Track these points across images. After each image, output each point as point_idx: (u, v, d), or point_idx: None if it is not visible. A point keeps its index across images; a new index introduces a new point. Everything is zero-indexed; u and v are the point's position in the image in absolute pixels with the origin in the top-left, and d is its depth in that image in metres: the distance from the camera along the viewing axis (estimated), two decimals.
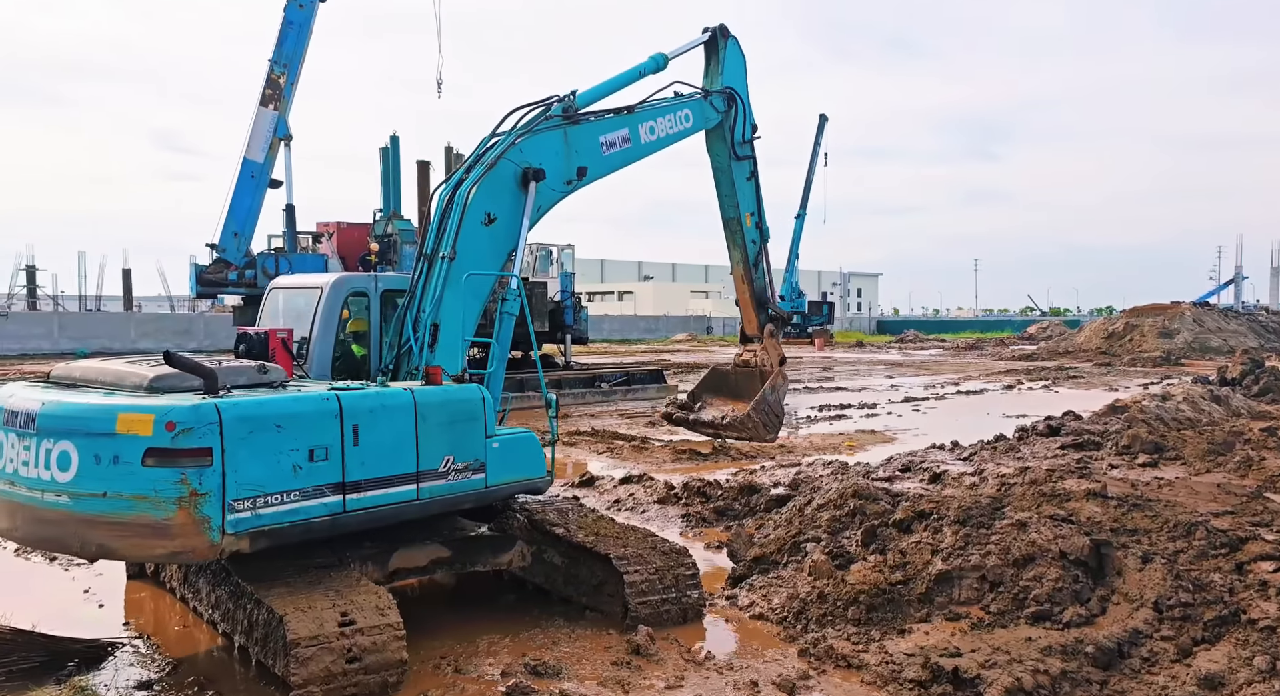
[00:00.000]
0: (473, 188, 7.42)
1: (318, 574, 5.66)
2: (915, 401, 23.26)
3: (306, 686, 4.90)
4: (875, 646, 6.27)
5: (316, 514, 5.48)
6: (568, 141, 8.22)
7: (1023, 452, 9.82)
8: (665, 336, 66.60)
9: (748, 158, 11.08)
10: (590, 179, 8.45)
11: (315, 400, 5.59)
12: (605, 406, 22.65)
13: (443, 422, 6.26)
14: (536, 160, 7.81)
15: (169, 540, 4.96)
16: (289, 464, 5.31)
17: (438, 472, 6.24)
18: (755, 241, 11.70)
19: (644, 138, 9.24)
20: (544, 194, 7.91)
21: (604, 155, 8.66)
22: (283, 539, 5.39)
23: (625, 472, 12.68)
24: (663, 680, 5.82)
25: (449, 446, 6.29)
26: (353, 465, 5.62)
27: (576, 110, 8.38)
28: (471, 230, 7.37)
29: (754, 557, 8.27)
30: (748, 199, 11.44)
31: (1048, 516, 7.04)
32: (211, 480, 4.97)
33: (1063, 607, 6.19)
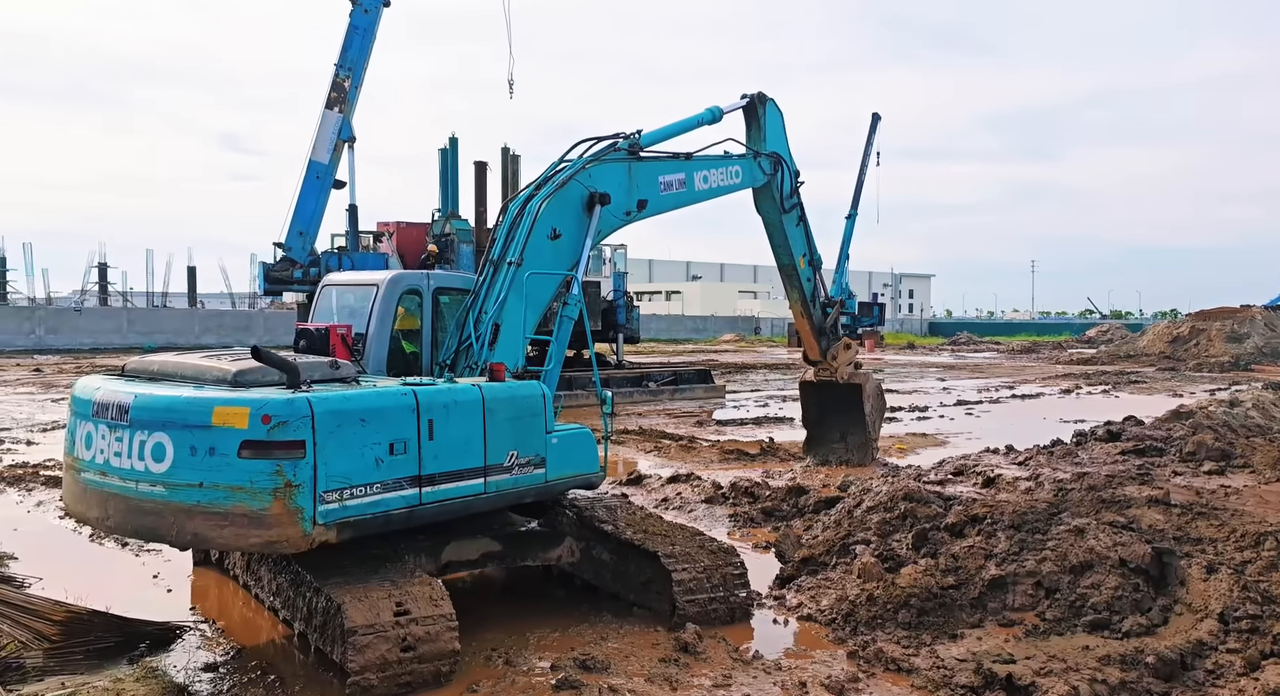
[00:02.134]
0: (543, 203, 7.87)
1: (373, 564, 5.79)
2: (968, 405, 22.86)
3: (363, 673, 5.02)
4: (926, 650, 6.20)
5: (395, 506, 5.61)
6: (631, 175, 8.74)
7: (1080, 458, 9.58)
8: (713, 336, 66.42)
9: (795, 206, 11.75)
10: (648, 214, 8.97)
11: (395, 395, 5.70)
12: (653, 406, 22.70)
13: (508, 418, 6.39)
14: (603, 186, 8.30)
15: (265, 530, 5.09)
16: (372, 457, 5.46)
17: (503, 467, 6.37)
18: (810, 279, 12.32)
19: (698, 185, 9.79)
20: (605, 220, 8.39)
21: (661, 194, 9.17)
22: (365, 530, 5.51)
23: (673, 471, 12.70)
24: (710, 678, 5.83)
25: (514, 441, 6.42)
26: (428, 459, 5.78)
27: (640, 147, 8.90)
28: (537, 242, 7.80)
29: (802, 558, 8.23)
30: (799, 243, 12.04)
31: (1107, 523, 6.87)
32: (305, 472, 5.11)
33: (1122, 616, 6.04)
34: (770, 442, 15.38)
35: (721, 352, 47.93)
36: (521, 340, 7.50)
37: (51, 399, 22.53)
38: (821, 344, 12.66)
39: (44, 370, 31.47)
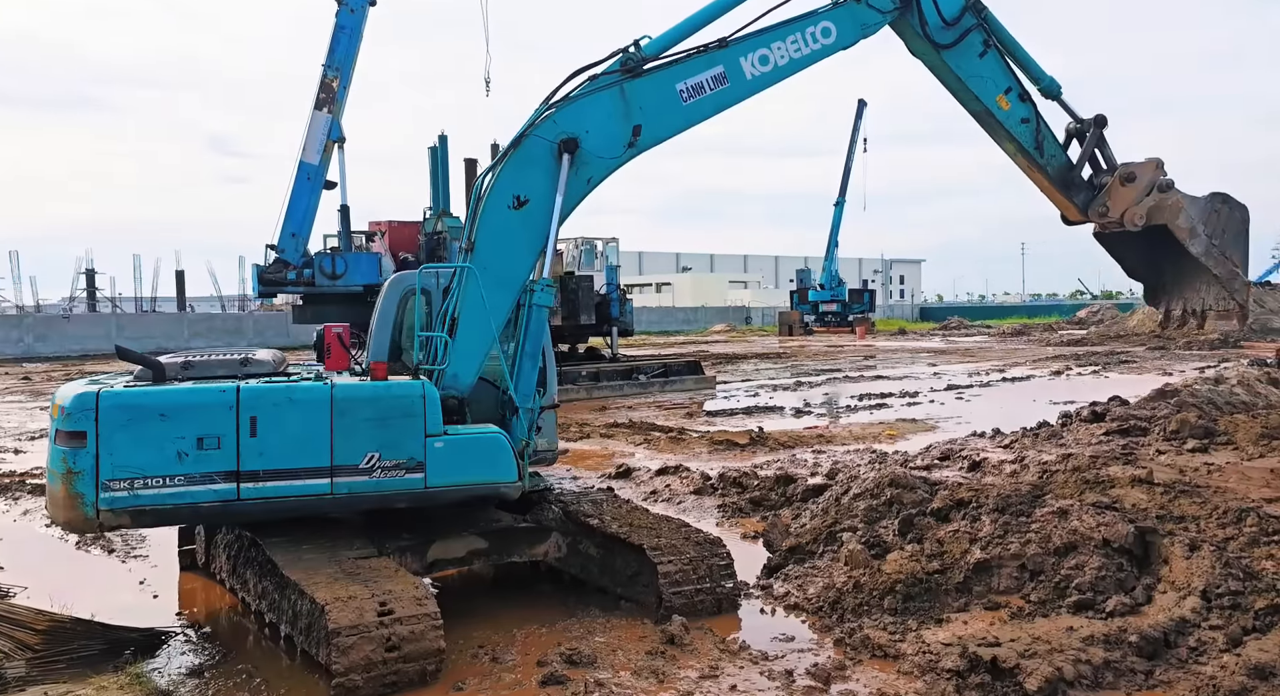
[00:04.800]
0: (497, 169, 6.93)
1: (356, 564, 5.79)
2: (959, 389, 22.91)
3: (348, 674, 5.03)
4: (912, 636, 6.22)
5: (205, 499, 5.87)
6: (625, 99, 7.08)
7: (1065, 439, 9.62)
8: (703, 327, 66.44)
9: (963, 35, 8.38)
10: (666, 134, 7.29)
11: (210, 392, 5.99)
12: (643, 398, 22.71)
13: (369, 418, 6.18)
14: (578, 129, 6.94)
15: (58, 509, 5.82)
16: (174, 450, 5.78)
17: (358, 468, 6.15)
18: (1027, 118, 8.73)
19: (749, 72, 7.44)
20: (594, 164, 7.05)
21: (684, 105, 7.25)
22: (168, 519, 6.12)
23: (662, 464, 12.71)
24: (697, 670, 5.84)
25: (375, 443, 6.18)
26: (250, 455, 5.92)
27: (644, 61, 7.16)
28: (497, 216, 6.90)
29: (789, 547, 8.24)
30: (991, 76, 8.60)
31: (1090, 504, 6.90)
32: (85, 460, 5.61)
33: (1106, 596, 6.07)
34: (760, 432, 15.40)
35: (712, 343, 47.95)
36: (482, 337, 6.92)
37: (40, 406, 22.42)
38: (1076, 200, 8.86)
39: (33, 378, 31.31)
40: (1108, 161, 8.92)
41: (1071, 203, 8.90)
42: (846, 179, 54.28)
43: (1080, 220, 9.08)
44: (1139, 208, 8.78)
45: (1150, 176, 8.83)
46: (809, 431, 15.93)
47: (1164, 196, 8.81)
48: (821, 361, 33.90)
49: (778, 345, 45.33)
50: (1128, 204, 8.81)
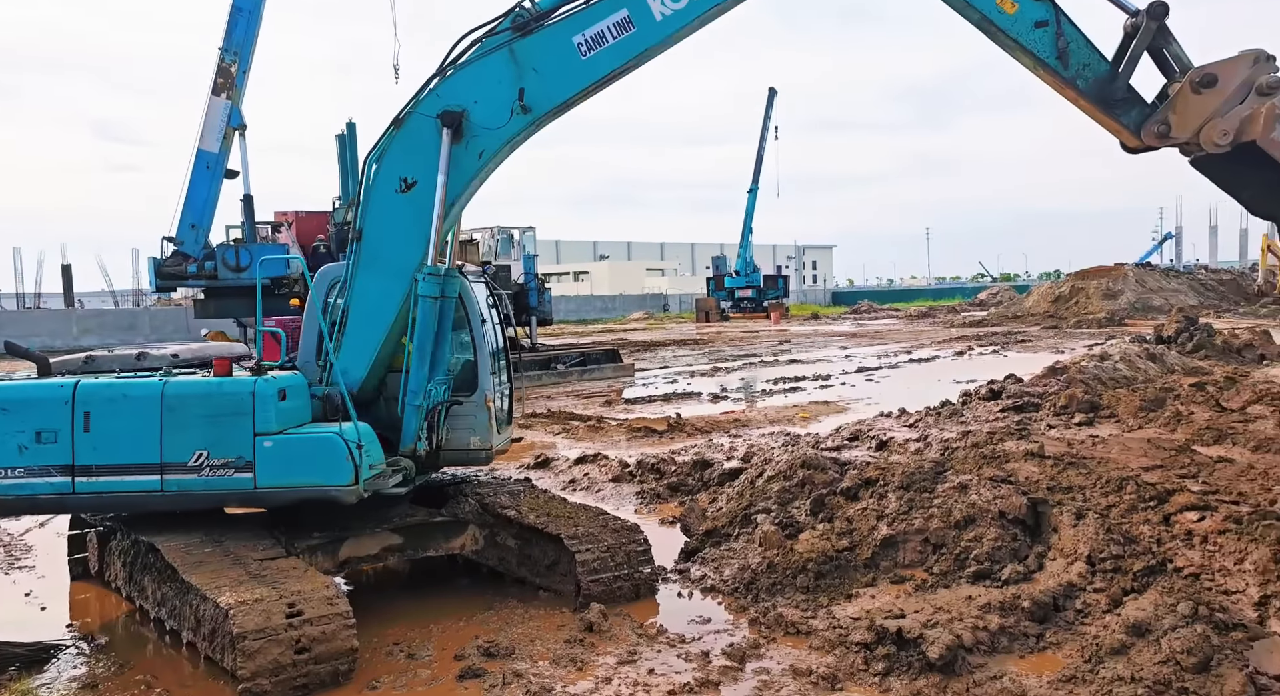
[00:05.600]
0: (382, 150, 6.57)
1: (263, 566, 5.63)
2: (868, 371, 23.61)
3: (255, 679, 4.90)
4: (823, 612, 6.43)
5: (43, 491, 6.01)
6: (516, 61, 6.37)
7: (966, 417, 10.06)
8: (622, 315, 66.59)
9: None
10: (563, 96, 6.45)
11: (48, 387, 6.08)
12: (562, 387, 22.64)
13: (200, 416, 6.11)
14: (465, 100, 6.39)
15: None
16: (15, 444, 5.96)
17: (187, 466, 6.11)
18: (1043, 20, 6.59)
19: (659, 10, 6.42)
20: (485, 137, 6.43)
21: (583, 61, 6.37)
22: (8, 510, 6.45)
23: (581, 453, 12.72)
24: (615, 655, 5.90)
25: (203, 441, 6.10)
26: (84, 450, 6.02)
27: (538, 16, 6.42)
28: (384, 200, 6.56)
29: (706, 531, 8.39)
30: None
31: (988, 478, 7.24)
32: None
33: (1002, 565, 6.39)
34: (678, 418, 15.56)
35: (631, 331, 48.11)
36: (372, 331, 6.70)
37: None
38: (1125, 120, 6.60)
39: None
40: (1177, 63, 6.40)
41: (1119, 123, 6.52)
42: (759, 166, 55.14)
43: (1139, 146, 6.54)
44: (1225, 121, 6.14)
45: (1243, 76, 6.15)
46: (726, 416, 16.17)
47: (1263, 101, 6.05)
48: (738, 347, 34.43)
49: (695, 332, 45.81)
50: (1205, 117, 6.25)
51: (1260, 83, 6.12)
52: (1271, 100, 6.05)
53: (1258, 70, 6.18)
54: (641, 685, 5.46)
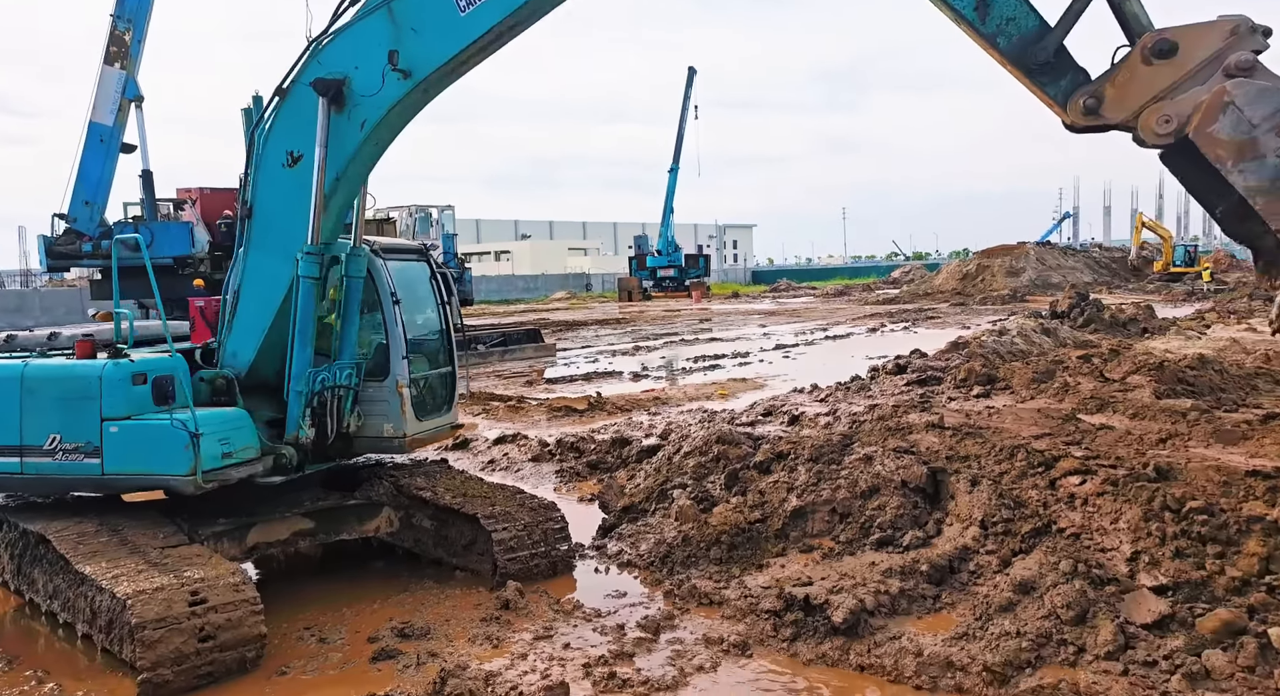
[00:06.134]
0: (267, 124, 6.30)
1: (164, 554, 5.47)
2: (785, 348, 24.13)
3: (155, 669, 4.78)
4: (735, 582, 6.62)
5: None
6: (395, 21, 5.90)
7: (873, 391, 10.42)
8: (544, 295, 66.18)
9: None
10: (443, 57, 5.91)
11: None
12: (482, 368, 22.43)
13: (54, 398, 6.02)
14: (346, 66, 6.00)
15: None
16: None
17: (42, 449, 6.02)
18: None
19: None
20: (366, 106, 6.00)
21: (462, 17, 5.77)
22: None
23: (500, 433, 12.68)
24: (531, 632, 5.96)
25: (57, 424, 6.01)
26: None
27: None
28: (271, 175, 6.30)
29: (624, 507, 8.50)
30: None
31: (892, 449, 7.54)
32: None
33: (903, 532, 6.68)
34: (598, 397, 15.63)
35: (553, 311, 47.90)
36: (261, 311, 6.49)
37: None
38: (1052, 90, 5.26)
39: None
40: (1135, 24, 5.02)
41: (1044, 93, 5.21)
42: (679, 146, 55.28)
43: (1073, 122, 5.17)
44: (1172, 105, 4.67)
45: (1212, 48, 4.65)
46: (646, 394, 16.32)
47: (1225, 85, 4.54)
48: (660, 326, 34.67)
49: (617, 311, 45.89)
50: (1149, 96, 4.80)
51: (1230, 61, 4.45)
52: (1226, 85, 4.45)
53: (1233, 43, 4.52)
54: (557, 659, 5.54)
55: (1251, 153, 4.40)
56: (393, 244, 8.08)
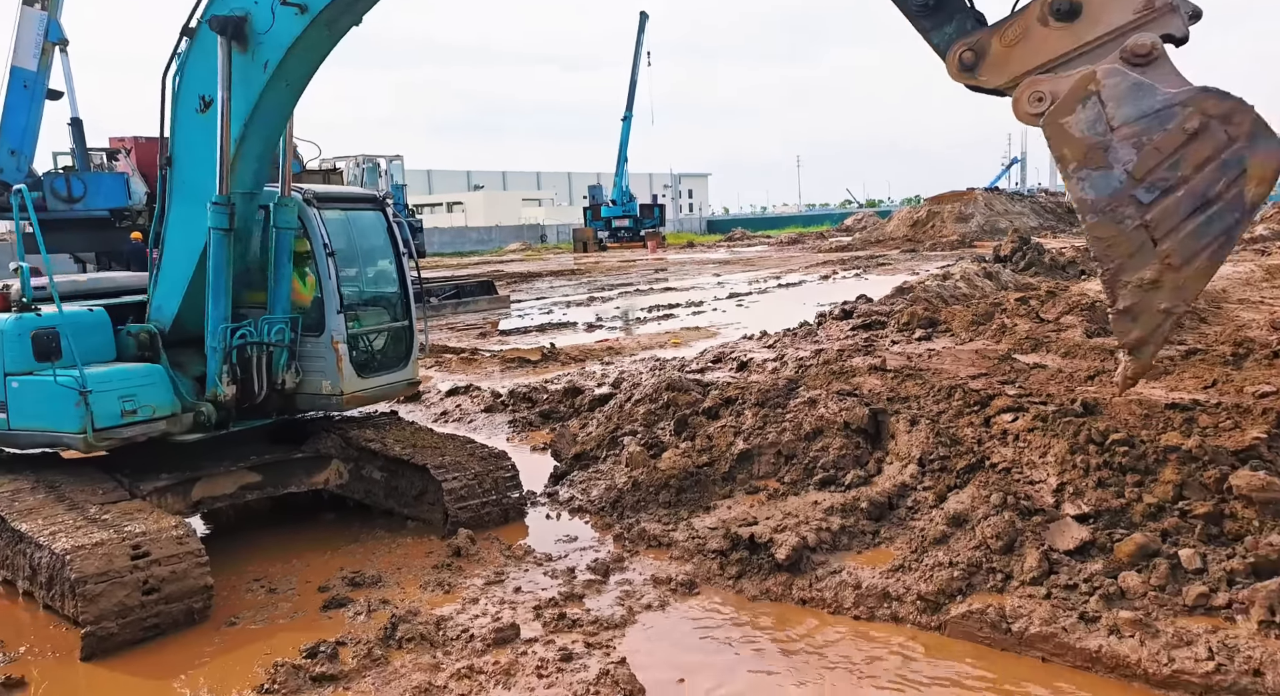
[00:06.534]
0: (178, 67, 6.02)
1: (104, 510, 5.42)
2: (739, 297, 24.27)
3: (99, 623, 4.77)
4: (683, 525, 6.76)
5: None
6: None
7: (820, 336, 10.59)
8: (498, 247, 65.43)
9: None
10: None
11: None
12: (435, 321, 22.24)
13: None
14: (244, 2, 5.72)
15: None
16: None
17: None
18: None
19: None
20: (267, 46, 5.70)
21: None
22: None
23: (453, 385, 12.64)
24: (483, 577, 6.04)
25: None
26: None
27: None
28: (185, 121, 6.05)
29: (575, 455, 8.59)
30: None
31: (835, 392, 7.70)
32: None
33: (845, 472, 6.87)
34: (552, 348, 15.63)
35: (508, 263, 47.41)
36: (185, 263, 6.31)
37: None
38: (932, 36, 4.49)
39: None
40: None
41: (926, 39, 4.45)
42: (633, 93, 54.43)
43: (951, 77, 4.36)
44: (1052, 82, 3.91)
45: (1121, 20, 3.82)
46: (600, 345, 16.35)
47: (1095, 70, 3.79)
48: (615, 276, 34.57)
49: (573, 262, 45.60)
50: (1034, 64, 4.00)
51: (1129, 43, 3.62)
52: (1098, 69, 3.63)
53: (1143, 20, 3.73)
54: (508, 603, 5.64)
55: (1098, 160, 3.59)
56: (340, 192, 7.88)
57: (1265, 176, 3.35)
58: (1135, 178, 3.52)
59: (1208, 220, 3.46)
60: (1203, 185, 3.40)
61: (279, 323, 6.66)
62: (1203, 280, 3.56)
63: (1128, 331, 3.55)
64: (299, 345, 6.86)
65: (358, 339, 7.22)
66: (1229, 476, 4.83)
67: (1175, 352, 6.19)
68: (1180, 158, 3.47)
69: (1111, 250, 3.50)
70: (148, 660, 4.90)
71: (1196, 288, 3.56)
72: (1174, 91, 3.50)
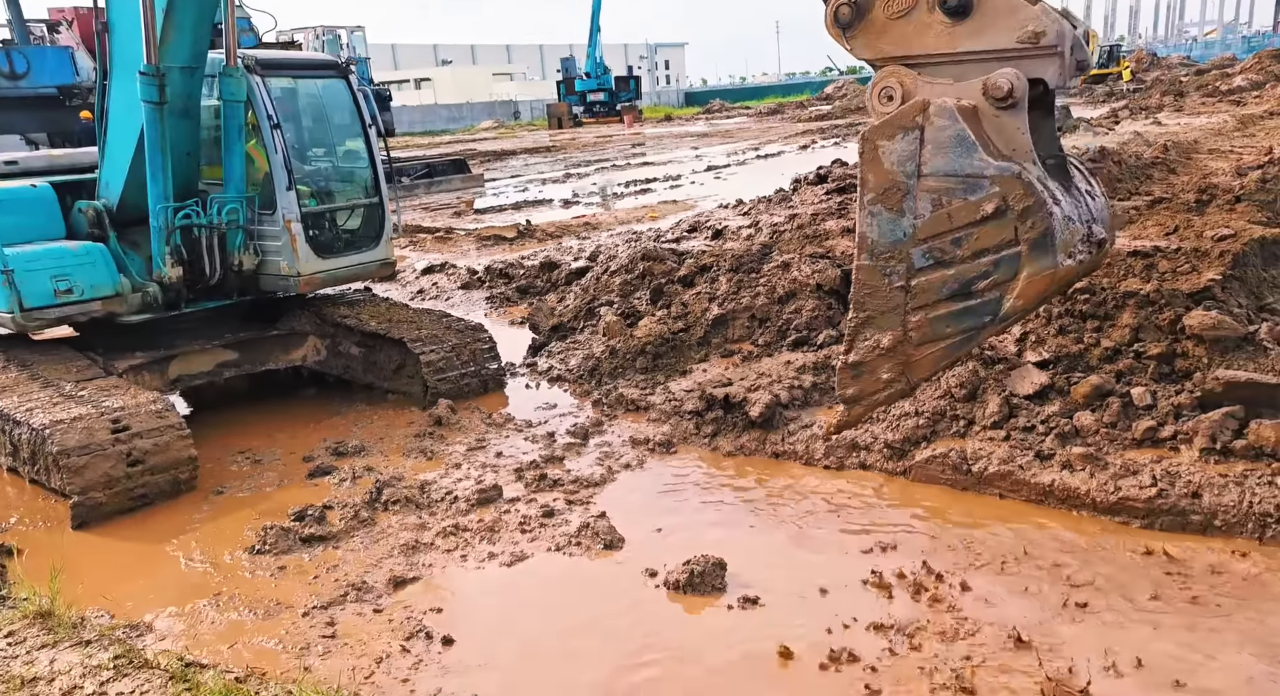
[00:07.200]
0: None
1: (80, 387, 5.45)
2: (717, 169, 23.87)
3: (86, 493, 4.89)
4: (660, 389, 6.90)
5: None
6: None
7: (794, 202, 10.50)
8: (470, 125, 63.43)
9: None
10: None
11: None
12: (408, 201, 21.82)
13: None
14: None
15: None
16: None
17: None
18: None
19: None
20: None
21: None
22: None
23: (428, 263, 12.55)
24: (464, 444, 6.19)
25: None
26: None
27: None
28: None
29: (553, 326, 8.65)
30: None
31: (809, 255, 7.71)
32: None
33: (818, 332, 6.97)
34: (527, 225, 15.45)
35: (480, 141, 46.08)
36: (127, 140, 6.07)
37: None
38: None
39: None
40: None
41: None
42: None
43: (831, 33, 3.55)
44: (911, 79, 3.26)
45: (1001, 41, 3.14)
46: (576, 220, 16.17)
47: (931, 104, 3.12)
48: (591, 152, 33.79)
49: (548, 139, 44.39)
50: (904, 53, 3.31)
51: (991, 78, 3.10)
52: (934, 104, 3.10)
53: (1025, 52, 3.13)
54: (490, 467, 5.81)
55: (893, 203, 3.14)
56: (291, 58, 7.51)
57: (1028, 293, 2.96)
58: (918, 238, 3.10)
59: (963, 311, 3.08)
60: (972, 274, 3.02)
61: (231, 202, 6.40)
62: (929, 369, 3.24)
63: (847, 385, 3.27)
64: (258, 224, 6.68)
65: (318, 218, 7.03)
66: (1183, 317, 4.94)
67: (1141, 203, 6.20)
68: (966, 236, 3.03)
69: (868, 300, 3.18)
70: (139, 526, 5.06)
71: (921, 373, 3.25)
72: (992, 160, 2.95)
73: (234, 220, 6.45)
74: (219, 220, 6.37)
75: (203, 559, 4.71)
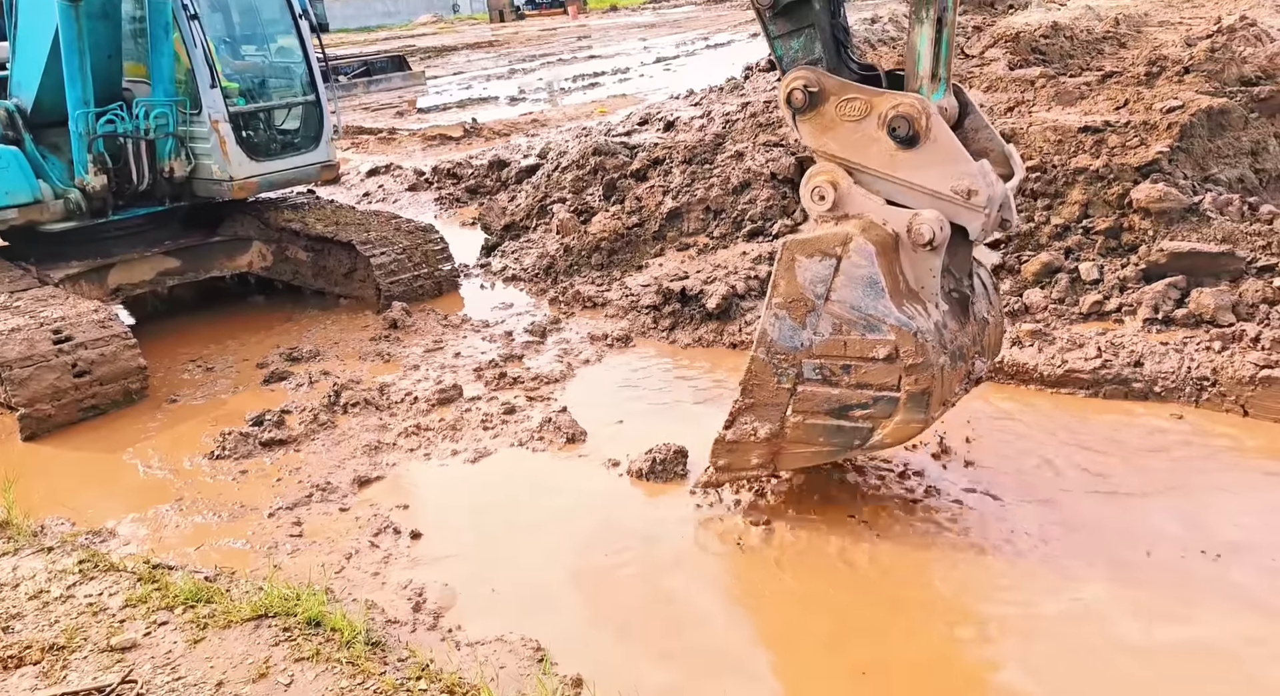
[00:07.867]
0: None
1: (14, 298, 5.25)
2: (666, 61, 23.16)
3: (33, 405, 4.78)
4: (616, 285, 6.86)
5: None
6: None
7: (746, 90, 10.28)
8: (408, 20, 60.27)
9: None
10: None
11: None
12: (346, 102, 20.88)
13: None
14: None
15: None
16: None
17: None
18: None
19: None
20: None
21: None
22: None
23: (373, 165, 12.14)
24: (421, 346, 6.14)
25: None
26: None
27: None
28: None
29: (505, 226, 8.49)
30: None
31: (762, 144, 7.59)
32: None
33: (773, 222, 6.94)
34: (474, 123, 14.95)
35: (420, 37, 43.93)
36: (40, 40, 5.69)
37: None
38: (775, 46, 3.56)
39: None
40: None
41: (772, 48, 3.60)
42: None
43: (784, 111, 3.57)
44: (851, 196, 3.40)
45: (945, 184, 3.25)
46: (524, 118, 15.68)
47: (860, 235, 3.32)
48: (536, 47, 32.47)
49: (490, 33, 42.48)
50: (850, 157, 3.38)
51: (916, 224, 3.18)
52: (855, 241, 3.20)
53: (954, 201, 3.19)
54: (449, 367, 5.78)
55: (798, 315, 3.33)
56: None
57: (895, 436, 3.29)
58: (813, 352, 3.34)
59: (837, 429, 3.40)
60: (853, 401, 3.31)
61: (160, 106, 6.05)
62: (795, 464, 3.62)
63: (720, 455, 3.63)
64: (187, 125, 6.33)
65: (250, 118, 6.67)
66: (1130, 191, 5.00)
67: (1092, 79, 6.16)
68: (855, 367, 3.29)
69: (757, 390, 3.46)
70: (93, 435, 4.98)
71: (787, 465, 3.62)
72: (894, 309, 3.15)
73: (163, 125, 6.11)
74: (146, 125, 6.01)
75: (161, 465, 4.67)
